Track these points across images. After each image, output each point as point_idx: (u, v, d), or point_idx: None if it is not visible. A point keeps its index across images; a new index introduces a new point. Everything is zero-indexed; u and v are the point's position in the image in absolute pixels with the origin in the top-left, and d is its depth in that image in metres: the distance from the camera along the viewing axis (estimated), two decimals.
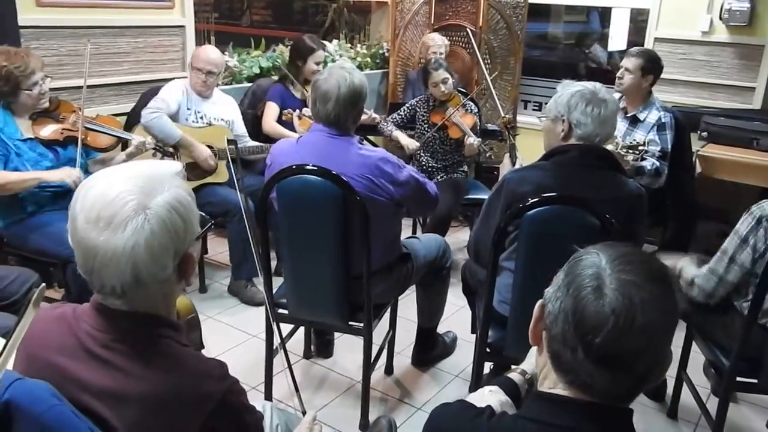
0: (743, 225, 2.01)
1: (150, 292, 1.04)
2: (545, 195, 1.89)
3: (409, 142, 3.55)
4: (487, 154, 3.47)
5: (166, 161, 1.07)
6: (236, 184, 2.44)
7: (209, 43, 3.98)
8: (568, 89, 2.03)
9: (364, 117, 3.44)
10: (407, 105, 3.69)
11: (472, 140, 3.36)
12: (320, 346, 2.80)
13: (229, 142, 2.21)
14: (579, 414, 0.90)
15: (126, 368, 1.03)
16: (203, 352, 1.54)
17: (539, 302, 0.98)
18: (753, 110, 3.88)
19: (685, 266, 2.23)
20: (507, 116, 3.45)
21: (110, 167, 1.09)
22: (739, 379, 2.06)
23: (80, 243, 1.01)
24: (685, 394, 2.44)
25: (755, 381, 2.05)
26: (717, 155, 3.56)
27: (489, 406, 0.98)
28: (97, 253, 1.00)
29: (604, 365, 0.89)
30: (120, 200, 1.00)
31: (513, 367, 1.31)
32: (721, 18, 3.87)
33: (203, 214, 1.23)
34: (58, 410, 0.97)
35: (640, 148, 2.87)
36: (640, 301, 0.87)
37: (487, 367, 2.32)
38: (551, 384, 0.95)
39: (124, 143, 2.89)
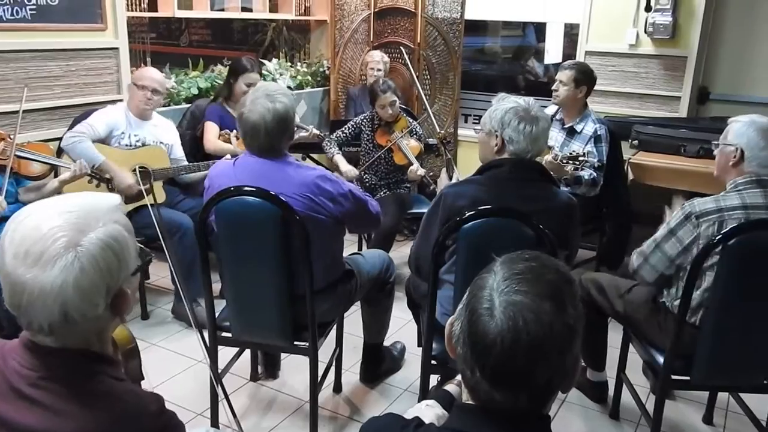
0: (674, 218, 2.13)
1: (80, 329, 1.02)
2: (481, 208, 1.93)
3: (348, 170, 3.52)
4: (432, 187, 3.47)
5: (105, 194, 1.05)
6: (151, 212, 2.40)
7: (145, 63, 3.92)
8: (502, 104, 2.09)
9: (304, 134, 3.48)
10: (352, 122, 3.71)
11: (416, 169, 3.40)
12: (268, 367, 2.77)
13: (140, 171, 2.14)
14: (498, 423, 0.92)
15: (56, 407, 1.00)
16: (143, 382, 1.52)
17: (449, 320, 1.00)
18: (680, 118, 4.06)
19: None
20: (442, 132, 3.51)
21: (46, 199, 1.06)
22: (674, 377, 2.15)
23: (7, 278, 0.98)
24: (626, 394, 2.52)
25: (689, 378, 2.14)
26: (648, 162, 3.70)
27: (416, 417, 0.99)
28: (24, 290, 0.97)
29: (499, 385, 0.90)
30: (50, 236, 0.97)
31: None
32: (646, 31, 4.05)
33: (143, 246, 1.20)
34: None
35: (581, 158, 2.96)
36: (524, 322, 0.87)
37: (435, 379, 2.34)
38: (466, 397, 0.97)
39: (57, 170, 2.81)
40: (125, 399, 1.06)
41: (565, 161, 2.95)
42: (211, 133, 3.45)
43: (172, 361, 2.84)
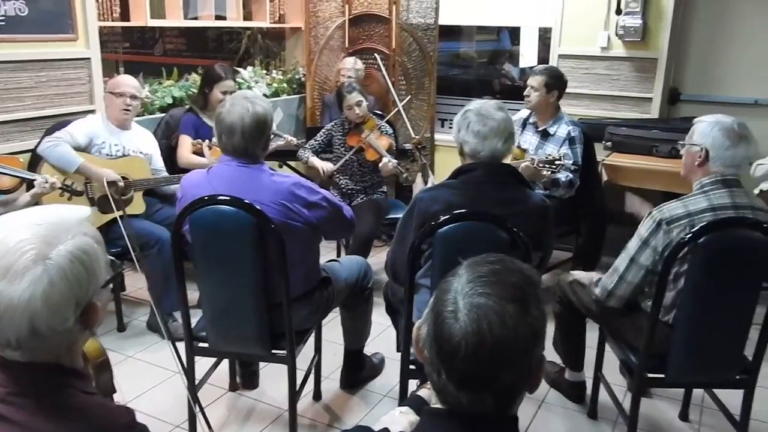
0: (644, 227, 2.12)
1: (49, 343, 1.00)
2: (455, 212, 1.95)
3: (323, 165, 3.58)
4: (404, 175, 3.51)
5: (74, 206, 1.04)
6: (120, 223, 2.40)
7: (118, 73, 3.89)
8: (462, 110, 2.13)
9: (281, 142, 3.48)
10: (323, 130, 3.72)
11: (387, 161, 3.42)
12: (245, 378, 2.75)
13: (110, 184, 2.14)
14: (465, 425, 0.93)
15: (25, 423, 0.98)
16: (116, 395, 1.50)
17: (417, 324, 1.00)
18: (652, 119, 4.12)
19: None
20: (417, 137, 3.52)
21: (16, 212, 1.05)
22: (649, 375, 2.17)
23: None
24: (604, 393, 2.54)
25: (663, 376, 2.17)
26: (621, 163, 3.75)
27: (385, 428, 1.00)
28: None
29: (464, 387, 0.91)
30: (18, 249, 0.96)
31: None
32: (617, 34, 4.11)
33: (114, 258, 1.20)
34: None
35: (557, 162, 2.99)
36: (488, 324, 0.88)
37: (414, 384, 2.34)
38: (435, 401, 0.98)
39: (29, 183, 2.78)
40: (95, 413, 1.05)
41: (541, 165, 2.99)
42: (185, 148, 3.43)
43: (149, 373, 2.81)
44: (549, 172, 3.02)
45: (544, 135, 3.44)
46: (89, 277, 1.02)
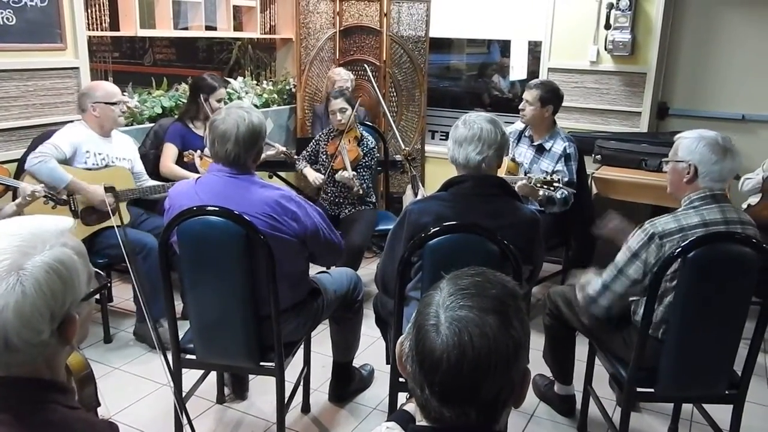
0: (635, 240, 2.10)
1: (25, 357, 0.98)
2: (445, 224, 1.94)
3: (315, 177, 3.59)
4: (354, 189, 3.44)
5: (56, 217, 1.02)
6: (117, 232, 2.38)
7: None
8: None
9: (271, 152, 3.46)
10: (314, 140, 3.74)
11: (342, 172, 3.43)
12: (236, 386, 2.72)
13: (107, 189, 2.13)
14: None
15: None
16: (100, 409, 1.48)
17: (399, 339, 0.99)
18: (641, 133, 4.15)
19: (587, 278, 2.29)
20: (407, 149, 3.50)
21: None
22: (638, 389, 2.17)
23: None
24: (594, 407, 2.53)
25: (653, 390, 2.16)
26: (610, 177, 3.77)
27: None
28: None
29: (447, 401, 0.90)
30: None
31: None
32: (606, 49, 4.14)
33: (99, 271, 1.17)
34: None
35: (555, 184, 2.93)
36: (469, 336, 0.87)
37: (404, 397, 2.33)
38: (420, 417, 0.97)
39: (15, 192, 2.75)
40: (78, 428, 1.02)
41: (539, 185, 2.94)
42: (168, 156, 3.42)
43: (135, 386, 2.77)
44: (545, 193, 2.97)
45: (540, 150, 3.43)
46: (66, 289, 1.00)
